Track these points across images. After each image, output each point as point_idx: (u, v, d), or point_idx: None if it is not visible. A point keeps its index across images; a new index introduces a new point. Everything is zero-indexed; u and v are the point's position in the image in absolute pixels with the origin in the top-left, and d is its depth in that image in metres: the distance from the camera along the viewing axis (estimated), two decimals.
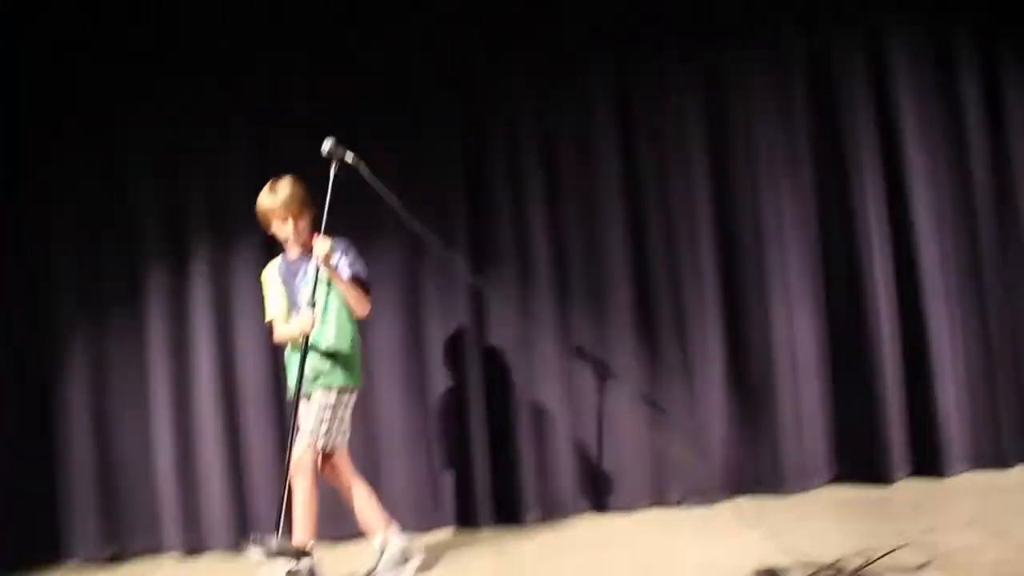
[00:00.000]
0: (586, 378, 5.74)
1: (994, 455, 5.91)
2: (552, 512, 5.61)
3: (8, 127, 5.62)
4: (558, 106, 5.85)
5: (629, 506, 5.69)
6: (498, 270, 5.69)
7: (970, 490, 5.49)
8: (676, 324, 5.81)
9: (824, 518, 5.12)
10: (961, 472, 5.82)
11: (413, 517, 5.45)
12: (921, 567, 3.83)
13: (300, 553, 4.16)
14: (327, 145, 4.22)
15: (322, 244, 4.30)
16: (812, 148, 5.98)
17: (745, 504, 5.58)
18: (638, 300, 5.82)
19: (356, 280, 4.54)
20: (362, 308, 4.56)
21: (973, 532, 4.37)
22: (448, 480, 5.61)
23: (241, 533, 5.41)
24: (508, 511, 5.62)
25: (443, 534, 5.42)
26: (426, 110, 5.75)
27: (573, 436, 5.70)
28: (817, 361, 5.87)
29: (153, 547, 5.56)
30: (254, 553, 3.95)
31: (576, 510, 5.67)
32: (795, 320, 5.85)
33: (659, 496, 5.75)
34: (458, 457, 5.62)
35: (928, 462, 5.82)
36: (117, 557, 5.53)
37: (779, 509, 5.41)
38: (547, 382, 5.69)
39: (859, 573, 3.76)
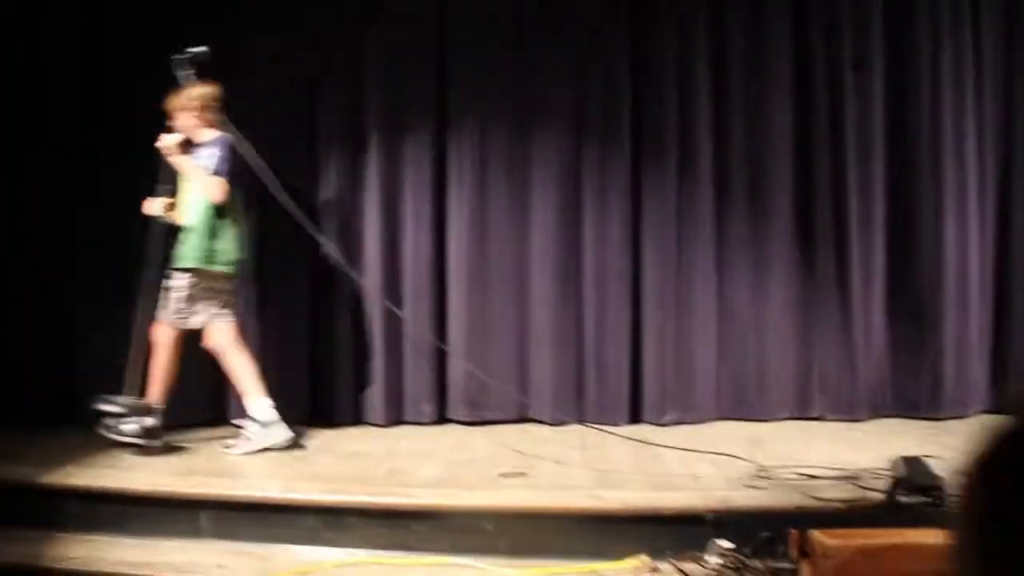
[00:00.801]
0: (740, 281, 5.66)
1: None
2: (691, 414, 5.62)
3: None
4: (733, 11, 5.70)
5: (771, 415, 5.64)
6: (660, 163, 5.65)
7: None
8: (838, 233, 5.63)
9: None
10: None
11: (555, 408, 5.62)
12: None
13: (145, 409, 4.68)
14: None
15: (164, 139, 4.79)
16: (1001, 71, 5.66)
17: (894, 423, 5.48)
18: (799, 206, 5.66)
19: (215, 173, 4.83)
20: (211, 193, 4.82)
21: None
22: (591, 375, 5.69)
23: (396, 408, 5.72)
24: (637, 405, 5.67)
25: (586, 430, 5.52)
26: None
27: (719, 340, 5.67)
28: (984, 283, 5.64)
29: None
30: (103, 406, 4.61)
31: (717, 413, 5.66)
32: (967, 237, 5.61)
33: (802, 408, 5.68)
34: (600, 353, 5.68)
35: None
36: None
37: (926, 428, 5.30)
38: (700, 282, 5.64)
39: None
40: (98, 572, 3.71)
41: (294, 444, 4.88)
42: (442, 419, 5.67)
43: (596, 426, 5.42)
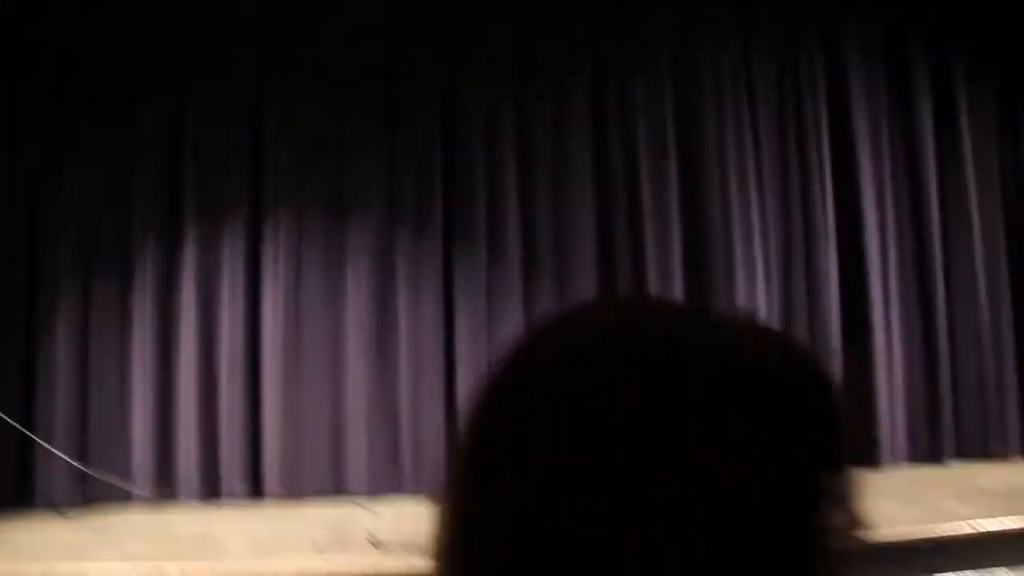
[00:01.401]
0: None
1: (929, 451, 6.28)
2: None
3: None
4: (534, 102, 6.13)
5: None
6: (471, 247, 5.96)
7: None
8: None
9: None
10: (894, 463, 6.17)
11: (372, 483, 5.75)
12: None
13: None
14: None
15: None
16: (777, 157, 6.34)
17: None
18: (602, 285, 6.03)
19: None
20: None
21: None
22: (406, 448, 5.85)
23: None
24: None
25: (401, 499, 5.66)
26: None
27: None
28: None
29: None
30: None
31: None
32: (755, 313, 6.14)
33: None
34: (415, 428, 5.85)
35: (863, 453, 6.16)
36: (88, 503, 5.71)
37: None
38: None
39: None
40: None
41: None
42: (257, 496, 5.69)
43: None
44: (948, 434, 6.34)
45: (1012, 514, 4.46)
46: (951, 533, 4.30)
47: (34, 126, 5.82)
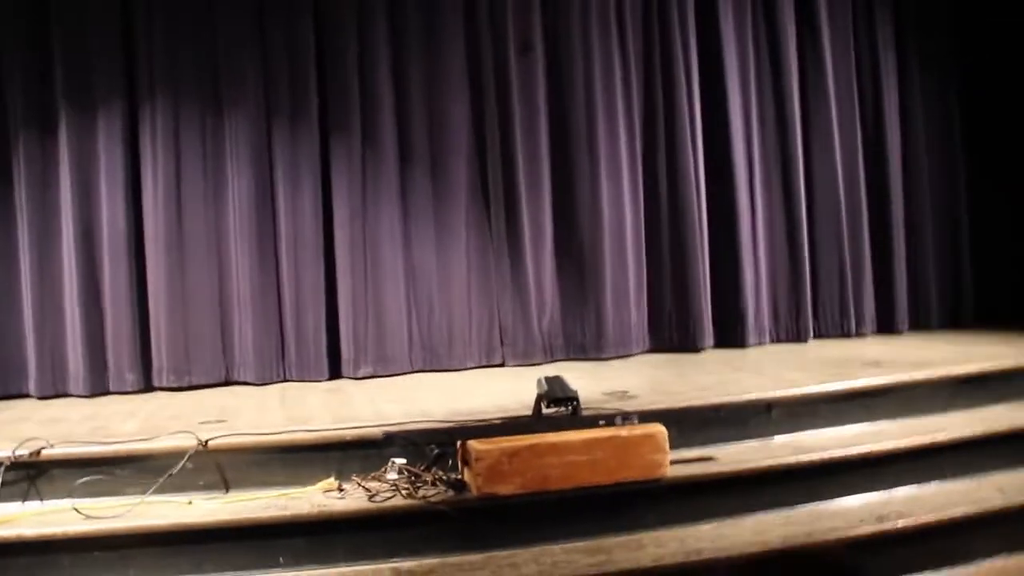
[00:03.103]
0: (424, 244, 6.27)
1: (793, 330, 6.74)
2: (385, 367, 6.17)
3: None
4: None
5: (460, 365, 6.29)
6: (347, 139, 6.11)
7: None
8: (509, 195, 6.33)
9: (626, 371, 5.87)
10: (760, 344, 6.63)
11: (259, 369, 6.03)
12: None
13: None
14: None
15: None
16: (642, 48, 6.62)
17: (566, 365, 6.24)
18: (475, 175, 6.34)
19: None
20: None
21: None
22: (291, 336, 6.08)
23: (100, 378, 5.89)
24: (336, 361, 6.15)
25: (287, 386, 5.97)
26: None
27: (408, 299, 6.25)
28: (638, 239, 6.54)
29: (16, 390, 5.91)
30: None
31: (410, 366, 6.25)
32: (621, 199, 6.48)
33: (487, 357, 6.36)
34: (298, 316, 6.09)
35: (731, 335, 6.62)
36: None
37: (595, 367, 6.12)
38: (388, 246, 6.18)
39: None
40: None
41: None
42: (148, 387, 5.91)
43: (298, 382, 5.91)
44: (809, 317, 6.83)
45: (839, 379, 4.92)
46: (780, 395, 4.73)
47: None
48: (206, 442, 4.13)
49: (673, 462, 4.11)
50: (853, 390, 4.84)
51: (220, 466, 4.14)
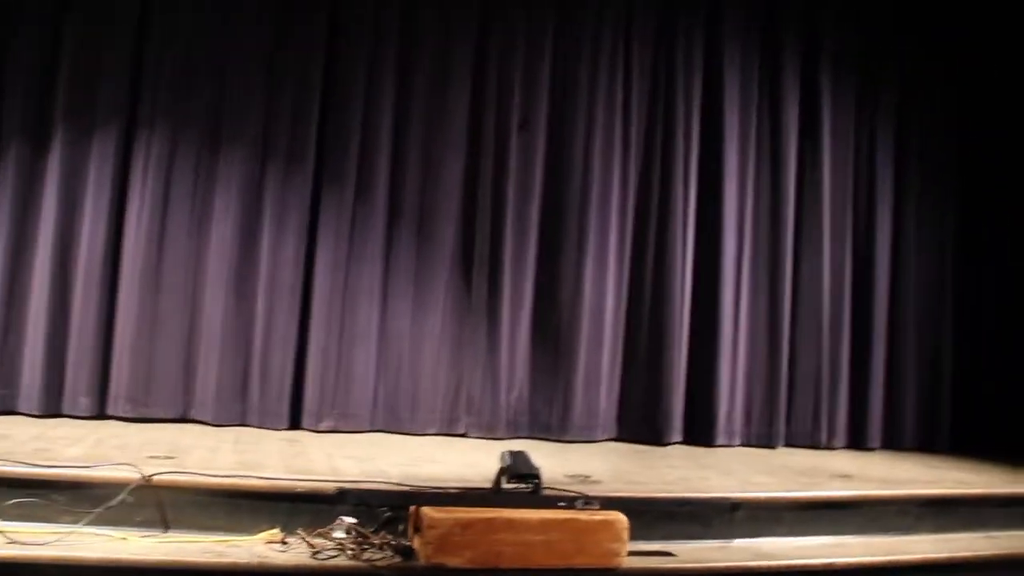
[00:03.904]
0: (401, 303, 6.19)
1: (764, 435, 6.63)
2: (347, 423, 6.03)
3: None
4: (416, 56, 6.28)
5: (421, 429, 6.15)
6: (340, 189, 6.09)
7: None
8: (493, 265, 6.29)
9: (590, 456, 5.73)
10: (728, 445, 6.53)
11: (218, 409, 5.88)
12: None
13: None
14: None
15: None
16: (643, 137, 6.63)
17: (529, 443, 6.10)
18: (461, 240, 6.29)
19: None
20: None
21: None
22: (255, 380, 5.94)
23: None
24: (298, 411, 6.01)
25: (244, 430, 5.80)
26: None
27: (378, 357, 6.14)
28: (616, 325, 6.47)
29: None
30: None
31: (371, 425, 6.10)
32: (604, 283, 6.43)
33: (450, 425, 6.23)
34: (265, 361, 5.97)
35: (701, 432, 6.51)
36: None
37: (558, 448, 5.98)
38: (366, 301, 6.11)
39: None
40: None
41: None
42: (101, 415, 5.74)
43: (256, 428, 5.76)
44: (782, 423, 6.73)
45: (807, 488, 4.83)
46: (746, 496, 4.62)
47: None
48: (150, 477, 3.97)
49: (631, 553, 3.97)
50: (820, 499, 4.75)
51: (161, 504, 3.97)
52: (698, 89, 6.68)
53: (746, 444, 6.66)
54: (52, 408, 5.66)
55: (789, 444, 6.73)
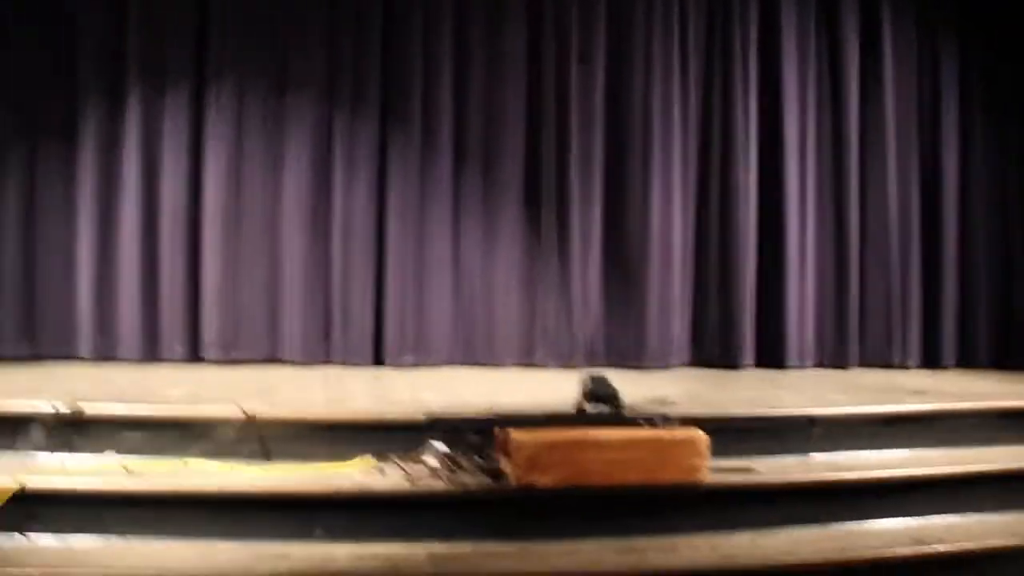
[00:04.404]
0: (473, 240, 6.37)
1: (836, 356, 6.69)
2: (427, 357, 6.24)
3: None
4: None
5: (499, 362, 6.33)
6: (405, 130, 6.23)
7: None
8: (560, 199, 6.41)
9: (666, 380, 5.86)
10: (801, 367, 6.60)
11: (304, 350, 6.13)
12: None
13: None
14: None
15: None
16: (702, 64, 6.66)
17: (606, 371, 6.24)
18: (528, 177, 6.42)
19: None
20: None
21: None
22: (337, 320, 6.17)
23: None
24: (380, 348, 6.23)
25: (329, 368, 6.04)
26: None
27: (453, 293, 6.34)
28: (685, 252, 6.56)
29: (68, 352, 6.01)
30: None
31: (449, 359, 6.31)
32: (671, 211, 6.51)
33: (526, 356, 6.40)
34: (345, 301, 6.19)
35: (772, 355, 6.59)
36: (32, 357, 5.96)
37: (635, 374, 6.12)
38: (437, 239, 6.30)
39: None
40: None
41: None
42: (195, 359, 6.00)
43: (341, 366, 6.01)
44: (854, 343, 6.78)
45: (880, 404, 4.90)
46: (822, 412, 4.70)
47: None
48: (251, 413, 4.18)
49: (712, 470, 4.10)
50: (896, 414, 4.81)
51: (263, 438, 4.19)
52: (755, 12, 6.68)
53: (818, 365, 6.74)
54: (149, 355, 5.96)
55: (863, 364, 6.79)
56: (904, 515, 4.30)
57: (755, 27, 6.67)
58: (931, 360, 6.89)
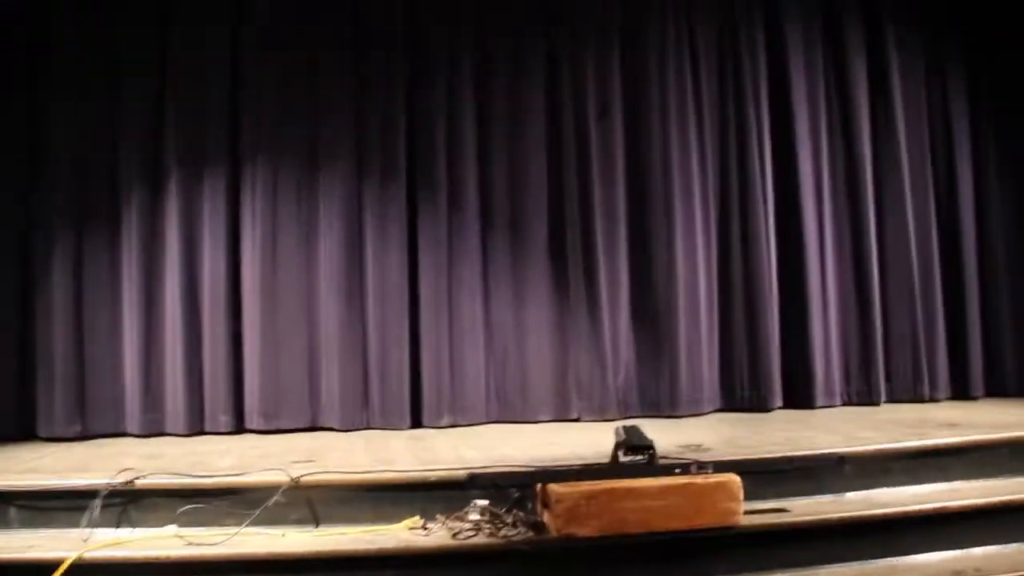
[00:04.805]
0: (503, 298, 6.53)
1: (864, 392, 6.78)
2: (464, 416, 6.40)
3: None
4: (492, 66, 6.60)
5: (534, 417, 6.47)
6: (432, 196, 6.43)
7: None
8: (586, 254, 6.58)
9: (699, 427, 5.98)
10: (830, 406, 6.69)
11: (344, 415, 6.29)
12: None
13: None
14: None
15: None
16: (717, 114, 6.86)
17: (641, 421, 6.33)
18: (553, 234, 6.59)
19: None
20: None
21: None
22: (375, 384, 6.32)
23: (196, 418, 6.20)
24: (417, 410, 6.38)
25: (370, 432, 6.20)
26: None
27: (486, 351, 6.50)
28: (711, 300, 6.71)
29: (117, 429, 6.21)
30: None
31: (486, 417, 6.46)
32: (695, 260, 6.67)
33: (561, 411, 6.53)
34: (382, 365, 6.34)
35: (801, 395, 6.69)
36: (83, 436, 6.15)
37: (668, 423, 6.24)
38: (468, 299, 6.47)
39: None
40: None
41: None
42: (239, 429, 6.19)
43: (380, 429, 6.18)
44: (881, 379, 6.86)
45: (911, 439, 4.98)
46: (854, 450, 4.80)
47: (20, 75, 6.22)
48: (298, 478, 4.34)
49: (746, 512, 4.20)
50: (928, 448, 4.89)
51: (310, 502, 4.35)
52: (763, 56, 6.88)
53: (847, 403, 6.84)
54: (195, 427, 6.15)
55: (891, 400, 6.87)
56: (942, 548, 4.38)
57: (765, 72, 6.88)
58: (960, 391, 6.97)
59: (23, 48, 6.22)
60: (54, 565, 3.84)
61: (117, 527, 4.25)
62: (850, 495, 4.65)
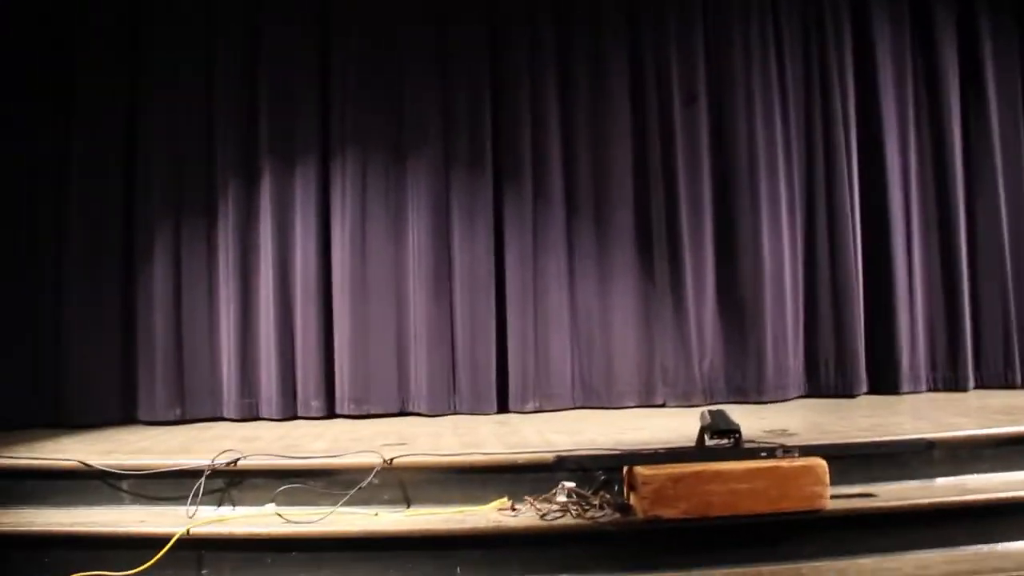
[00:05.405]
0: (588, 286, 6.61)
1: (951, 379, 6.69)
2: (550, 402, 6.50)
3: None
4: (575, 53, 6.67)
5: (619, 403, 6.53)
6: (518, 186, 6.54)
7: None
8: (671, 241, 6.62)
9: (784, 413, 5.98)
10: (916, 392, 6.62)
11: (432, 401, 6.45)
12: None
13: None
14: None
15: None
16: (802, 99, 6.81)
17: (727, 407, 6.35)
18: (639, 221, 6.64)
19: None
20: None
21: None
22: (463, 370, 6.46)
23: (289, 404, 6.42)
24: (504, 396, 6.50)
25: (458, 417, 6.35)
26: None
27: (572, 338, 6.58)
28: (796, 286, 6.69)
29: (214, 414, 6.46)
30: None
31: (572, 403, 6.56)
32: (781, 246, 6.65)
33: (646, 397, 6.58)
34: (470, 352, 6.48)
35: (886, 381, 6.64)
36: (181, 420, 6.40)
37: (754, 408, 6.25)
38: (555, 288, 6.56)
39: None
40: (30, 533, 4.24)
41: None
42: (331, 414, 6.38)
43: (468, 415, 6.34)
44: (969, 366, 6.77)
45: (1002, 426, 4.92)
46: (943, 436, 4.76)
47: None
48: (391, 460, 4.48)
49: (833, 497, 4.21)
50: (1019, 435, 4.82)
51: (402, 483, 4.49)
52: (848, 36, 6.81)
53: (933, 389, 6.76)
54: (288, 412, 6.36)
55: (980, 387, 6.77)
56: None
57: (851, 58, 6.80)
58: None
59: (123, 48, 6.48)
60: (163, 539, 4.05)
61: (219, 505, 4.45)
62: (940, 481, 4.61)
